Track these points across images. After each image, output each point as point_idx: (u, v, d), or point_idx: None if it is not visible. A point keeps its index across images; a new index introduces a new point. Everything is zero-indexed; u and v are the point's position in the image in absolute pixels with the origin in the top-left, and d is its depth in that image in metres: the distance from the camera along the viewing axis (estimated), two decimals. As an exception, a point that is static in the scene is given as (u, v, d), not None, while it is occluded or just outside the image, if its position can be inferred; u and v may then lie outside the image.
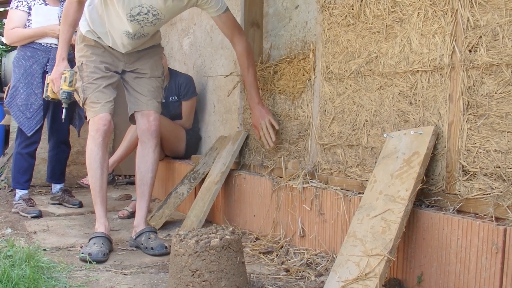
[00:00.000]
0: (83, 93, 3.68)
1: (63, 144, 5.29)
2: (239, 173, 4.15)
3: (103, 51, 3.75)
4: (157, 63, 3.94)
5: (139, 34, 3.61)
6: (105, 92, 3.69)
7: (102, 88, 3.68)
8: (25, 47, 4.90)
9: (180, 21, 6.15)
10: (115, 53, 3.78)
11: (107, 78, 3.74)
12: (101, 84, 3.68)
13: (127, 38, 3.62)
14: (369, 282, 2.32)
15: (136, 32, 3.58)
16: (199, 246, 2.48)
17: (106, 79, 3.73)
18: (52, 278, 2.82)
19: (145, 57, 3.88)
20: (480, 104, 2.40)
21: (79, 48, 3.79)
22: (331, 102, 3.31)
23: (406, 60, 2.77)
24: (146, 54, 3.88)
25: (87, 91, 3.67)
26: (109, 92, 3.72)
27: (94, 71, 3.69)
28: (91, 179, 3.69)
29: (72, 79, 3.71)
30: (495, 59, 2.33)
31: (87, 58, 3.72)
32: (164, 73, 4.04)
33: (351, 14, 3.14)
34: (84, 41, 3.76)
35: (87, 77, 3.68)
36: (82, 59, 3.73)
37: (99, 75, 3.70)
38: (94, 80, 3.68)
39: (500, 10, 2.31)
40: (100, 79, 3.70)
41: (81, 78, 3.69)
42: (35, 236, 3.99)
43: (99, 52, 3.74)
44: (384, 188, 2.59)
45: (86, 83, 3.67)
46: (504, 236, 2.18)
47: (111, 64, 3.78)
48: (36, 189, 6.10)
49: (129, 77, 3.87)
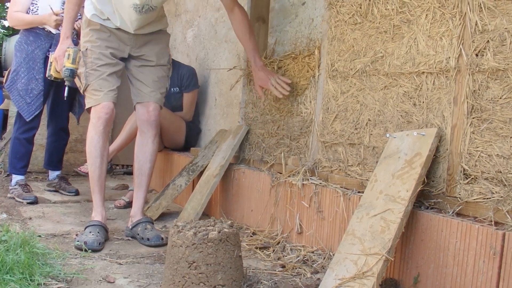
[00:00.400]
0: (86, 79, 3.64)
1: (62, 131, 5.29)
2: (238, 167, 4.14)
3: (108, 35, 3.70)
4: (163, 51, 3.91)
5: (147, 7, 3.55)
6: (109, 80, 3.65)
7: (106, 76, 3.64)
8: (28, 32, 4.90)
9: (185, 13, 6.14)
10: (122, 36, 3.73)
11: (112, 65, 3.69)
12: (105, 72, 3.64)
13: (135, 12, 3.56)
14: (366, 281, 2.32)
15: (144, 4, 3.52)
16: (197, 238, 2.48)
17: (111, 67, 3.68)
18: (47, 265, 2.81)
19: (152, 43, 3.83)
20: (485, 108, 2.40)
21: (85, 33, 3.74)
22: (335, 100, 3.30)
23: (412, 61, 2.76)
24: (153, 39, 3.84)
25: (89, 77, 3.63)
26: (112, 80, 3.67)
27: (99, 57, 3.64)
28: (91, 167, 3.68)
29: (76, 57, 3.67)
30: (501, 64, 2.33)
31: (92, 44, 3.67)
32: (170, 62, 4.00)
33: (358, 12, 3.14)
34: (90, 25, 3.71)
35: (91, 63, 3.63)
36: (87, 44, 3.68)
37: (104, 62, 3.65)
38: (98, 67, 3.63)
39: (509, 16, 2.31)
40: (104, 66, 3.65)
41: (84, 64, 3.65)
42: (31, 222, 3.99)
43: (105, 36, 3.69)
44: (384, 187, 2.59)
45: (89, 69, 3.63)
46: (502, 241, 2.18)
47: (117, 49, 3.73)
48: (32, 175, 6.10)
49: (133, 65, 3.82)
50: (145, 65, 3.83)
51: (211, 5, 5.39)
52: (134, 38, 3.76)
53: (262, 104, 4.05)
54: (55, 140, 5.29)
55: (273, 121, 3.93)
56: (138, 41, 3.78)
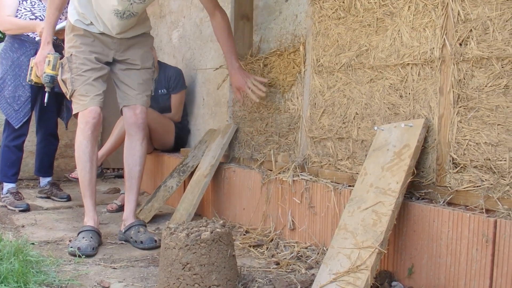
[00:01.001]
0: (72, 85, 3.62)
1: (51, 136, 5.27)
2: (228, 166, 4.14)
3: (92, 40, 3.68)
4: (147, 54, 3.90)
5: (128, 13, 3.55)
6: (95, 85, 3.63)
7: (91, 80, 3.62)
8: (13, 39, 4.88)
9: (170, 14, 6.13)
10: (106, 40, 3.71)
11: (97, 70, 3.67)
12: (90, 77, 3.62)
13: (116, 18, 3.55)
14: (360, 275, 2.32)
15: (125, 10, 3.52)
16: (189, 239, 2.48)
17: (96, 71, 3.66)
18: (41, 272, 2.81)
19: (136, 46, 3.82)
20: (471, 97, 2.41)
21: (69, 39, 3.72)
22: (321, 95, 3.31)
23: (397, 53, 2.77)
24: (137, 43, 3.83)
25: (75, 83, 3.61)
26: (98, 85, 3.66)
27: (84, 63, 3.63)
28: (80, 172, 3.66)
29: (56, 63, 3.65)
30: (485, 52, 2.34)
31: (76, 49, 3.65)
32: (154, 65, 4.00)
33: (341, 7, 3.14)
34: (73, 30, 3.69)
35: (76, 69, 3.61)
36: (71, 50, 3.66)
37: (89, 67, 3.63)
38: (84, 72, 3.61)
39: (491, 4, 2.32)
40: (89, 71, 3.63)
41: (70, 70, 3.62)
42: (23, 230, 3.98)
43: (89, 41, 3.67)
44: (374, 180, 2.60)
45: (75, 74, 3.61)
46: (494, 228, 2.19)
47: (102, 53, 3.71)
48: (24, 183, 6.07)
49: (119, 69, 3.81)
50: (130, 68, 3.81)
51: (195, 6, 5.38)
52: (118, 42, 3.75)
53: (249, 102, 4.05)
54: (44, 146, 5.27)
55: (261, 118, 3.93)
56: (122, 45, 3.77)
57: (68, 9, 3.76)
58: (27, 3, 4.89)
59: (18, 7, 4.86)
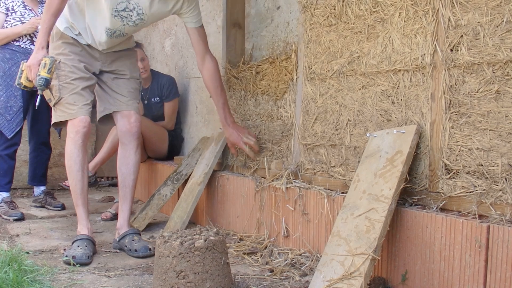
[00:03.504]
0: (59, 92, 3.58)
1: (44, 145, 5.27)
2: (222, 174, 4.14)
3: (80, 50, 3.68)
4: (134, 65, 3.92)
5: (119, 33, 3.57)
6: (83, 95, 3.61)
7: (79, 89, 3.60)
8: (3, 49, 4.89)
9: (162, 22, 6.13)
10: (93, 52, 3.72)
11: (85, 79, 3.65)
12: (78, 86, 3.60)
13: (105, 35, 3.57)
14: (354, 281, 2.32)
15: (116, 30, 3.54)
16: (183, 247, 2.47)
17: (84, 81, 3.64)
18: (36, 282, 2.80)
19: (122, 58, 3.84)
20: (462, 102, 2.41)
21: (57, 45, 3.69)
22: (314, 102, 3.31)
23: (388, 60, 2.78)
24: (123, 55, 3.85)
25: (63, 91, 3.58)
26: (86, 95, 3.64)
27: (73, 71, 3.61)
28: (72, 181, 3.64)
29: (52, 67, 3.60)
30: (476, 58, 2.35)
31: (65, 56, 3.63)
32: (140, 77, 4.01)
33: (333, 14, 3.15)
34: (62, 38, 3.67)
35: (64, 76, 3.59)
36: (60, 57, 3.63)
37: (78, 76, 3.62)
38: (72, 80, 3.59)
39: (481, 10, 2.33)
40: (78, 79, 3.61)
41: (57, 77, 3.59)
42: (18, 239, 3.96)
43: (77, 50, 3.67)
44: (367, 187, 2.60)
45: (63, 82, 3.58)
46: (487, 233, 2.19)
47: (89, 64, 3.70)
48: (18, 192, 6.06)
49: (108, 78, 3.81)
50: (119, 77, 3.82)
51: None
52: (104, 55, 3.76)
53: (242, 110, 4.06)
54: (37, 155, 5.27)
55: (254, 126, 3.93)
56: (108, 58, 3.78)
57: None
58: (16, 14, 4.90)
59: (7, 18, 4.88)
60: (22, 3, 4.94)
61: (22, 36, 4.91)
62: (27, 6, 4.97)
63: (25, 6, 4.96)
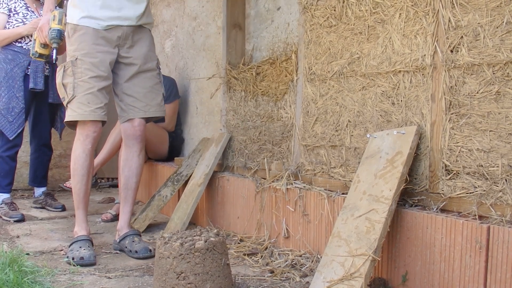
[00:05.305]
0: (73, 91, 3.46)
1: (45, 147, 5.27)
2: (222, 175, 4.14)
3: (96, 39, 3.53)
4: (151, 53, 3.78)
5: None
6: (98, 96, 3.50)
7: (95, 90, 3.48)
8: (6, 50, 4.88)
9: (162, 23, 6.14)
10: (111, 37, 3.57)
11: (103, 79, 3.52)
12: (95, 86, 3.48)
13: None
14: (354, 282, 2.32)
15: None
16: (183, 248, 2.48)
17: (101, 80, 3.51)
18: (36, 283, 2.80)
19: (139, 44, 3.69)
20: (462, 103, 2.42)
21: (72, 41, 3.56)
22: (314, 103, 3.31)
23: (388, 61, 2.78)
24: (140, 39, 3.70)
25: (78, 89, 3.46)
26: (101, 97, 3.52)
27: (89, 68, 3.48)
28: (76, 184, 3.60)
29: (62, 17, 3.48)
30: (476, 59, 2.35)
31: (81, 52, 3.50)
32: (159, 65, 3.89)
33: (333, 15, 3.15)
34: (77, 31, 3.54)
35: (80, 74, 3.47)
36: (76, 53, 3.51)
37: (95, 74, 3.49)
38: (89, 78, 3.47)
39: (481, 11, 2.33)
40: (94, 78, 3.48)
41: (73, 74, 3.47)
42: (18, 240, 3.96)
43: (93, 40, 3.52)
44: (367, 188, 2.60)
45: (78, 80, 3.47)
46: (487, 234, 2.19)
47: (107, 52, 3.55)
48: (18, 193, 6.06)
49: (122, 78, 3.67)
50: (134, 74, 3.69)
51: (187, 15, 5.39)
52: (124, 36, 3.61)
53: (242, 111, 4.06)
54: (38, 156, 5.27)
55: (254, 127, 3.93)
56: (127, 40, 3.63)
57: (67, 11, 3.63)
58: (18, 15, 4.90)
59: (9, 20, 4.88)
60: (24, 4, 4.95)
61: (24, 37, 4.90)
62: (30, 7, 4.97)
63: (28, 7, 4.96)
